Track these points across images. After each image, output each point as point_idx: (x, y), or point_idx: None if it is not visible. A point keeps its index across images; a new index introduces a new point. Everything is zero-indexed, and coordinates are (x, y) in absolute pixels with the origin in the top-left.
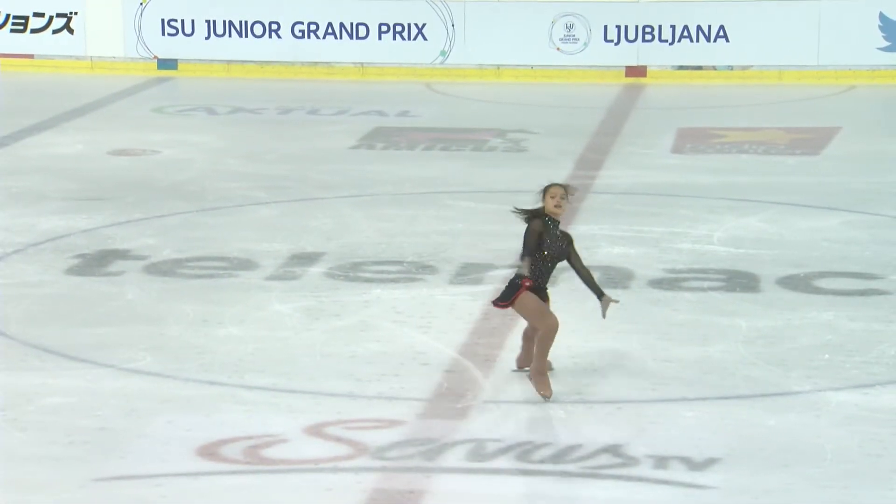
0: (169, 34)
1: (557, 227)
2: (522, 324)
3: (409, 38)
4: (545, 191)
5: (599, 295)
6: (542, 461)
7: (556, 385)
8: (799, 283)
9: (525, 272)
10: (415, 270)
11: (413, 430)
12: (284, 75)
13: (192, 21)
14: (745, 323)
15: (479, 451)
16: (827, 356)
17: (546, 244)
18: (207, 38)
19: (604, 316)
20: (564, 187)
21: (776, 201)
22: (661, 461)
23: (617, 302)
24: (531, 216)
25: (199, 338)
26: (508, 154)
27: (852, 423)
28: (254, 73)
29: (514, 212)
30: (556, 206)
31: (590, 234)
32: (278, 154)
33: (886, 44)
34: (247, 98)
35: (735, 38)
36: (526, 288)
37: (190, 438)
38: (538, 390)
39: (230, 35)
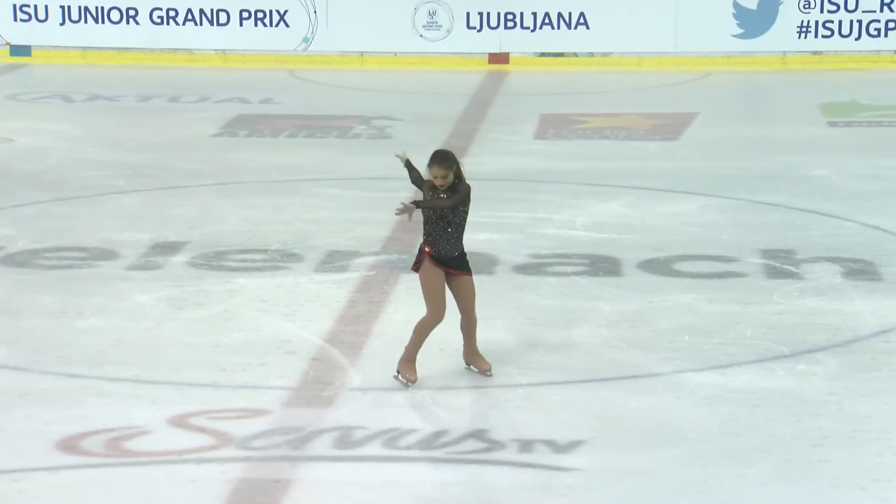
0: (21, 20)
1: (445, 193)
2: (389, 311)
3: (271, 25)
4: (428, 166)
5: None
6: (408, 447)
7: (422, 371)
8: (659, 267)
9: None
10: (280, 259)
11: (279, 419)
12: (143, 62)
13: (46, 6)
14: (607, 307)
15: (345, 439)
16: (687, 338)
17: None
18: (62, 23)
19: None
20: (443, 160)
21: (637, 186)
22: (525, 445)
23: (410, 209)
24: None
25: (59, 330)
26: (373, 141)
27: (711, 404)
28: (112, 60)
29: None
30: (439, 184)
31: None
32: (139, 142)
33: (741, 31)
34: (105, 85)
35: (595, 25)
36: (427, 254)
37: (49, 432)
38: (404, 375)
39: (86, 21)
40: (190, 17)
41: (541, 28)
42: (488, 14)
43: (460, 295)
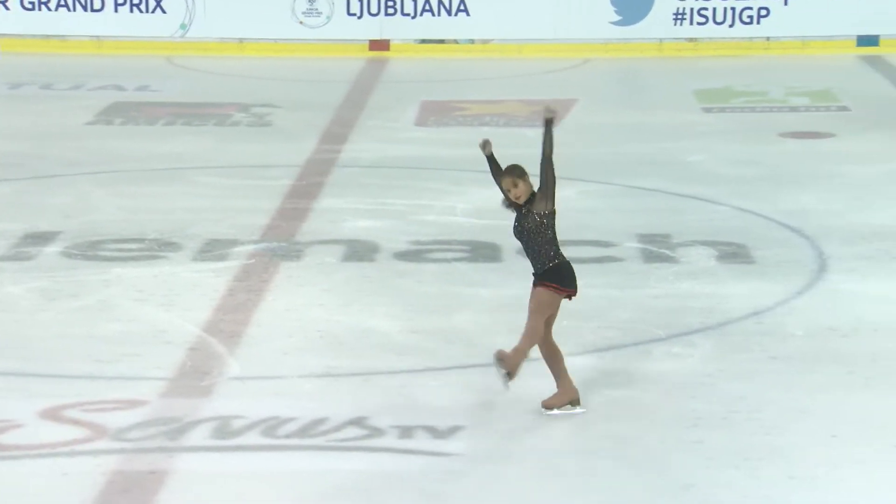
0: None
1: (524, 207)
2: (269, 300)
3: (147, 11)
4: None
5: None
6: (288, 436)
7: (303, 361)
8: None
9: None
10: (157, 248)
11: (155, 410)
12: (15, 48)
13: None
14: (487, 292)
15: (224, 429)
16: (565, 322)
17: (515, 228)
18: None
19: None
20: (510, 171)
21: None
22: (406, 431)
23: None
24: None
25: None
26: (253, 129)
27: (589, 387)
28: None
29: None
30: (515, 198)
31: (335, 208)
32: (10, 130)
33: (618, 18)
34: None
35: (476, 12)
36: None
37: None
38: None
39: None
40: (62, 3)
41: (421, 15)
42: (368, 1)
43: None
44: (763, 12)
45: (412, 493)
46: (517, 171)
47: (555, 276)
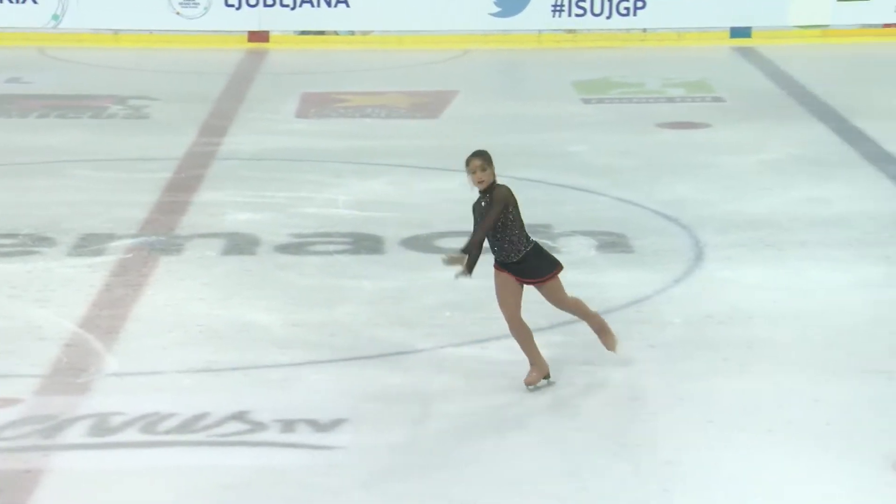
0: None
1: (486, 196)
2: (148, 294)
3: (17, 2)
4: (466, 163)
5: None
6: (168, 432)
7: (182, 356)
8: (422, 244)
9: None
10: (31, 243)
11: (30, 408)
12: None
13: None
14: (370, 284)
15: (101, 426)
16: (448, 314)
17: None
18: None
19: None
20: (475, 158)
21: (399, 164)
22: (288, 425)
23: (460, 259)
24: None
25: None
26: (129, 121)
27: (471, 377)
28: None
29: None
30: (478, 181)
31: (215, 201)
32: None
33: (497, 10)
34: None
35: (355, 3)
36: (497, 266)
37: None
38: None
39: None
40: None
41: (301, 6)
42: None
43: (547, 298)
44: (639, 4)
45: (295, 487)
46: (486, 156)
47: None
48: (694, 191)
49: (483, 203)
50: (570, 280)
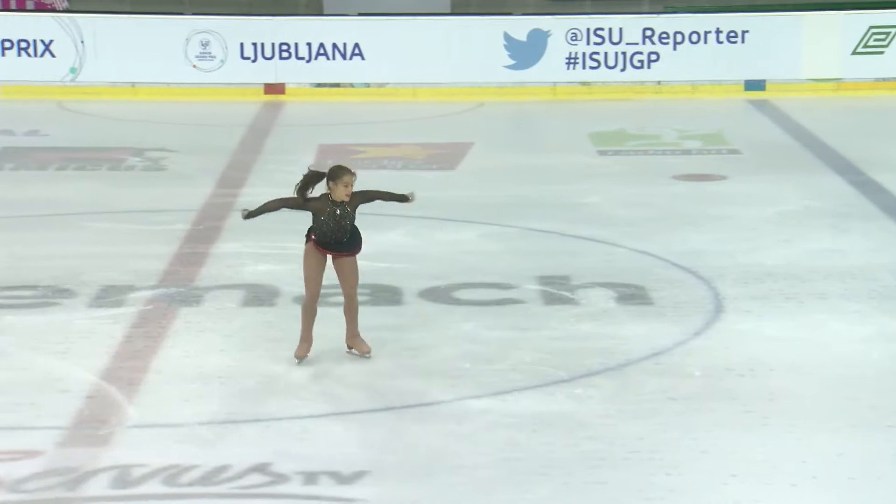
0: None
1: (344, 207)
2: (168, 346)
3: (35, 55)
4: (336, 177)
5: (403, 197)
6: (190, 484)
7: (204, 408)
8: (440, 295)
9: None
10: (51, 295)
11: (52, 460)
12: None
13: None
14: (389, 336)
15: (124, 478)
16: (468, 365)
17: (323, 221)
18: None
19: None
20: (350, 174)
21: (416, 215)
22: (310, 477)
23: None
24: (307, 195)
25: None
26: (147, 173)
27: (493, 430)
28: None
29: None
30: (347, 195)
31: (235, 253)
32: None
33: (512, 62)
34: None
35: (370, 55)
36: (312, 241)
37: None
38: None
39: None
40: None
41: (316, 59)
42: (262, 45)
43: (341, 277)
44: (653, 57)
45: None
46: (352, 172)
47: (360, 243)
48: (711, 242)
49: (338, 210)
50: (590, 332)
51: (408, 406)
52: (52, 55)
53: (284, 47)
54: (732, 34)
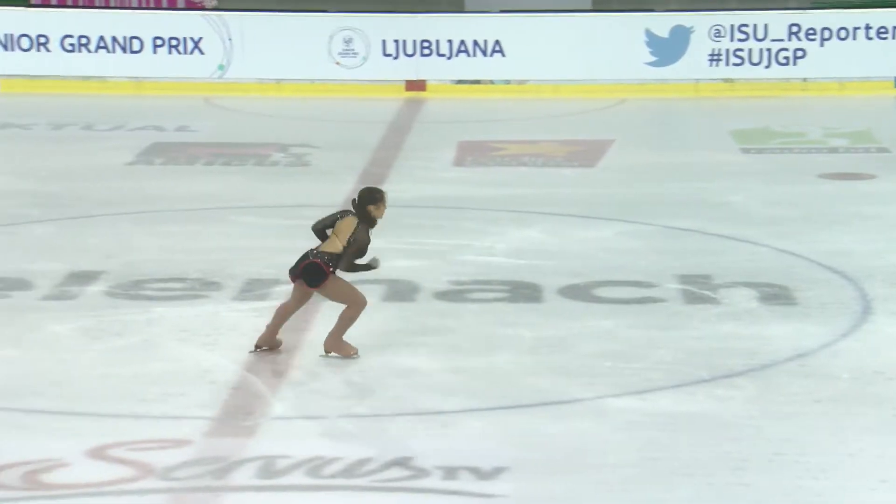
0: None
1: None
2: (310, 339)
3: (185, 52)
4: (380, 198)
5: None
6: (332, 476)
7: (346, 401)
8: (579, 293)
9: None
10: (199, 287)
11: (201, 450)
12: (55, 90)
13: None
14: (528, 333)
15: (268, 468)
16: (608, 363)
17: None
18: None
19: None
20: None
21: (556, 212)
22: (450, 472)
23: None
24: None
25: None
26: (291, 168)
27: (632, 429)
28: (22, 88)
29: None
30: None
31: (375, 248)
32: (52, 170)
33: (653, 59)
34: (15, 113)
35: (511, 52)
36: (330, 272)
37: None
38: (345, 354)
39: None
40: (102, 44)
41: (457, 55)
42: (404, 42)
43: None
44: (799, 53)
45: None
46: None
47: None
48: (859, 242)
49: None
50: (732, 332)
51: (547, 403)
52: (201, 52)
53: (426, 44)
54: (882, 30)
